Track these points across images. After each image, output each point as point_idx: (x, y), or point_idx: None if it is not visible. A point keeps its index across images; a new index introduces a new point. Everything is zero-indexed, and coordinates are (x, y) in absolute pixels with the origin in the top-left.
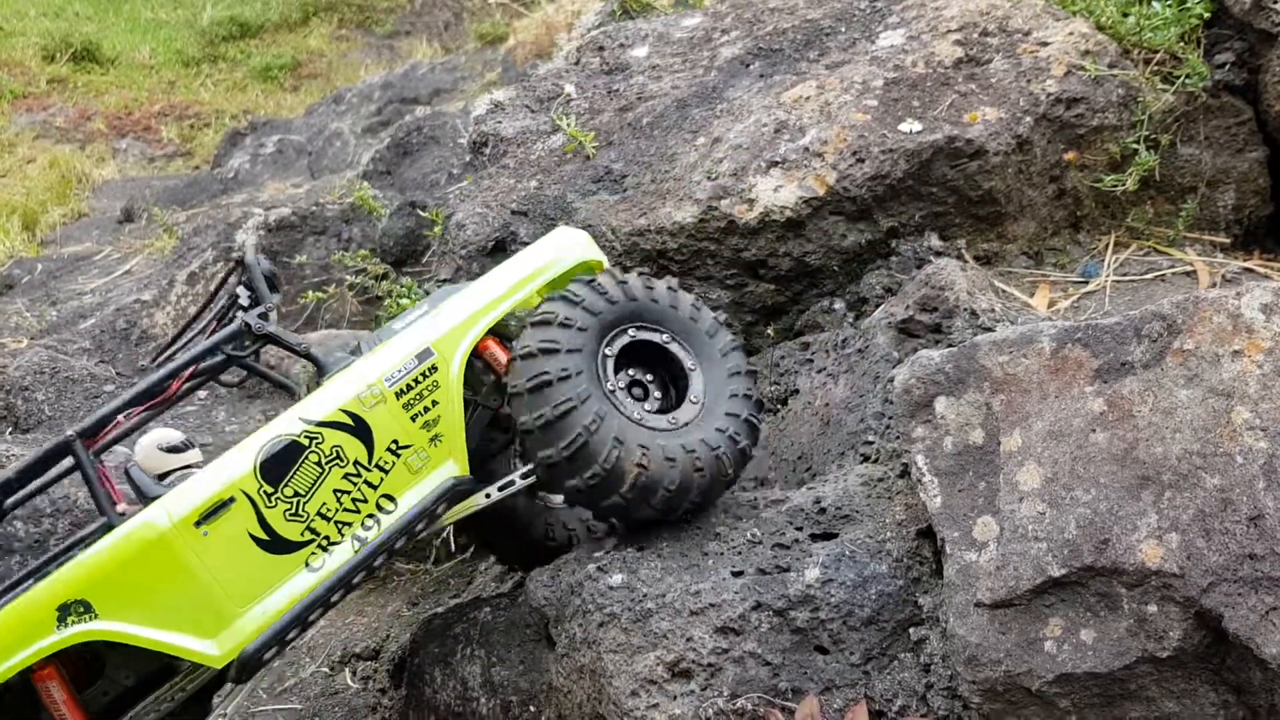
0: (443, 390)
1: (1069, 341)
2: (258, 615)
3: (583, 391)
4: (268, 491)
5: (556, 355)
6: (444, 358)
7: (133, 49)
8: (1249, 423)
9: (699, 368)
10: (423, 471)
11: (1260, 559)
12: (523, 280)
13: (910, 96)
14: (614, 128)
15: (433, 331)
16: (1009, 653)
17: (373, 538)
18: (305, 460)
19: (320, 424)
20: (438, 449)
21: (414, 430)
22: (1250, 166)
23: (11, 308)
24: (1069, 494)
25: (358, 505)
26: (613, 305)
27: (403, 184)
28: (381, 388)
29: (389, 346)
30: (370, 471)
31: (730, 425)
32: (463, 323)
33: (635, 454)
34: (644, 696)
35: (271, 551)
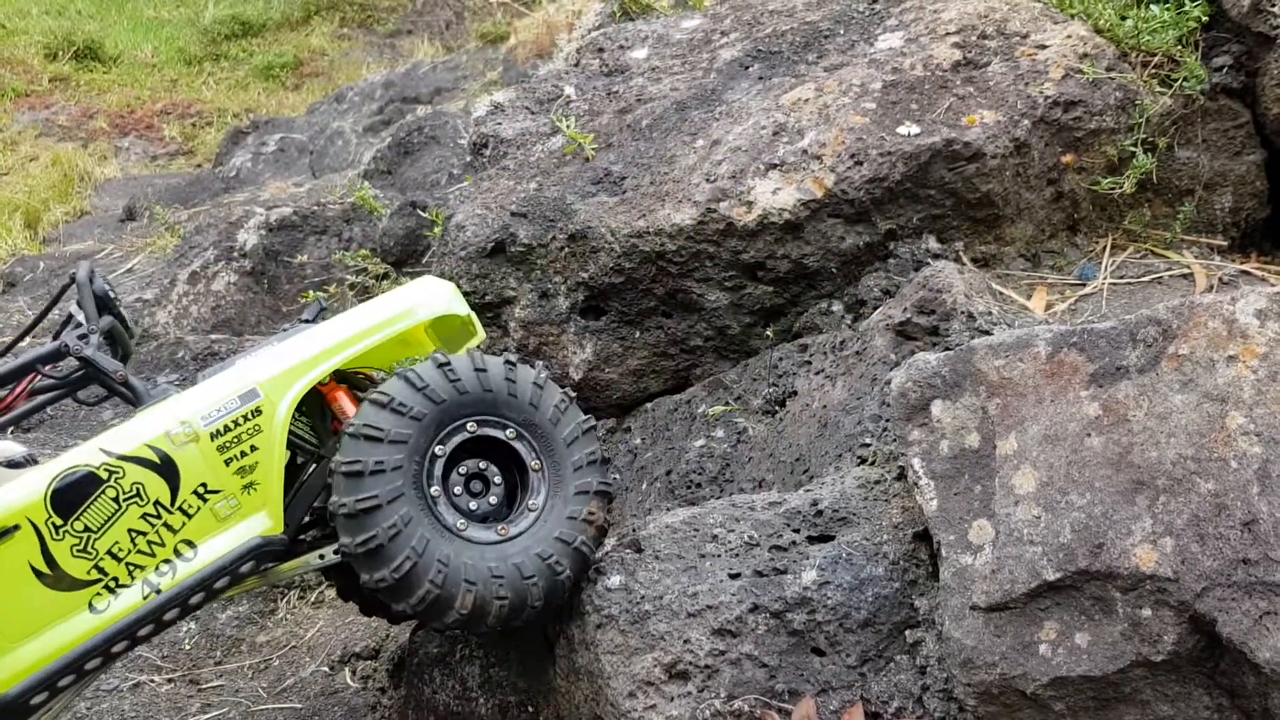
0: (264, 436)
1: (1064, 345)
2: (29, 654)
3: (394, 490)
4: (56, 523)
5: (378, 444)
6: (270, 401)
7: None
8: (1243, 428)
9: (544, 470)
10: (230, 520)
11: (1254, 564)
12: (373, 328)
13: (908, 99)
14: (613, 129)
15: (262, 371)
16: (1004, 656)
17: (166, 586)
18: (102, 494)
19: (122, 457)
20: (250, 498)
21: (226, 475)
22: (1248, 169)
23: (14, 305)
24: (1064, 498)
25: (153, 548)
26: (439, 404)
27: (404, 183)
28: (195, 426)
29: (212, 382)
30: (172, 514)
31: (573, 532)
32: (296, 366)
33: (431, 569)
34: (641, 698)
35: (52, 587)
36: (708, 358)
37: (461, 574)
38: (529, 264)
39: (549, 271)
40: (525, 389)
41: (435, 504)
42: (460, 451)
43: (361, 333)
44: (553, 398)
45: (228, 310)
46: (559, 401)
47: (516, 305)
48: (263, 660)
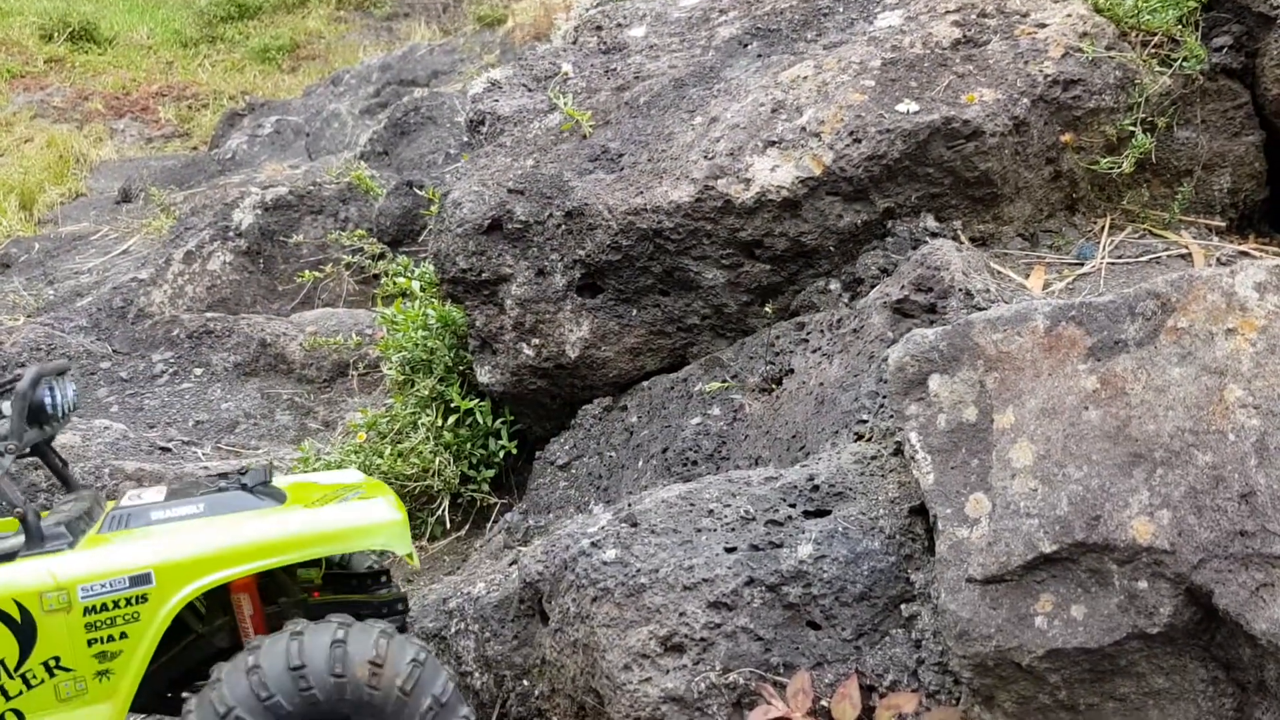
0: (140, 626)
1: (1063, 319)
2: None
3: None
4: None
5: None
6: (160, 592)
7: (131, 29)
8: (1241, 400)
9: None
10: (71, 704)
11: (1251, 536)
12: (305, 540)
13: (908, 77)
14: (611, 107)
15: (164, 554)
16: (1000, 628)
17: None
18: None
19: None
20: (100, 686)
21: (84, 655)
22: (1246, 150)
23: (9, 286)
24: (1061, 471)
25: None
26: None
27: (400, 164)
28: (72, 595)
29: (108, 548)
30: (11, 679)
31: None
32: (203, 559)
33: None
34: (636, 670)
35: None
36: (705, 336)
37: None
38: (526, 241)
39: (546, 249)
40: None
41: None
42: None
43: (293, 542)
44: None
45: (223, 290)
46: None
47: (513, 283)
48: None
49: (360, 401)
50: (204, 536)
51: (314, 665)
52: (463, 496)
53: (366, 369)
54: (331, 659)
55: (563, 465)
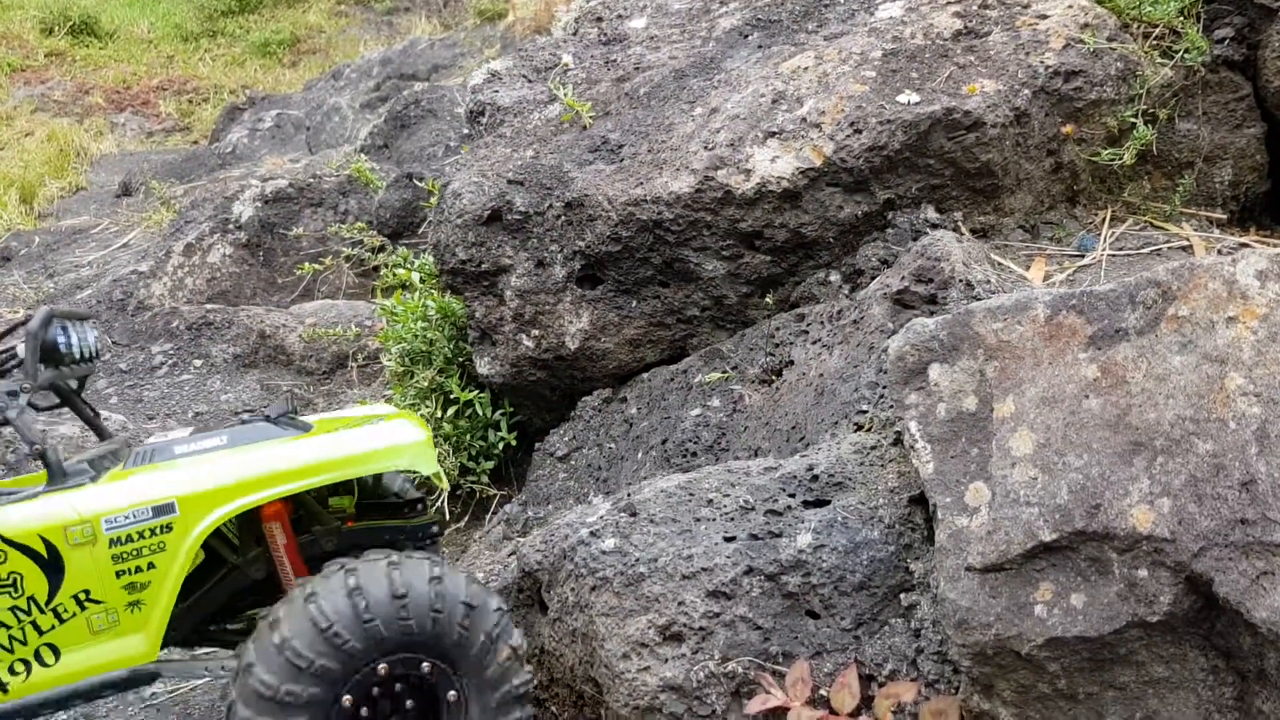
0: (166, 556)
1: (1063, 308)
2: None
3: None
4: None
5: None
6: (185, 521)
7: (131, 23)
8: (1242, 388)
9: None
10: (103, 636)
11: (1251, 524)
12: (330, 464)
13: (908, 68)
14: (611, 98)
15: (186, 484)
16: (999, 617)
17: (15, 687)
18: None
19: (8, 541)
20: (131, 617)
21: (113, 587)
22: (1248, 142)
23: (9, 279)
24: (1061, 459)
25: (13, 644)
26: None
27: (400, 157)
28: (97, 528)
29: (131, 481)
30: (43, 614)
31: None
32: (227, 488)
33: None
34: (635, 659)
35: None
36: (704, 327)
37: None
38: (525, 232)
39: (545, 240)
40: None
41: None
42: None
43: (315, 467)
44: (485, 623)
45: (223, 282)
46: (491, 626)
47: (512, 274)
48: None
49: (360, 393)
50: (226, 465)
51: (415, 598)
52: (462, 488)
53: (366, 360)
54: (431, 595)
55: (562, 456)
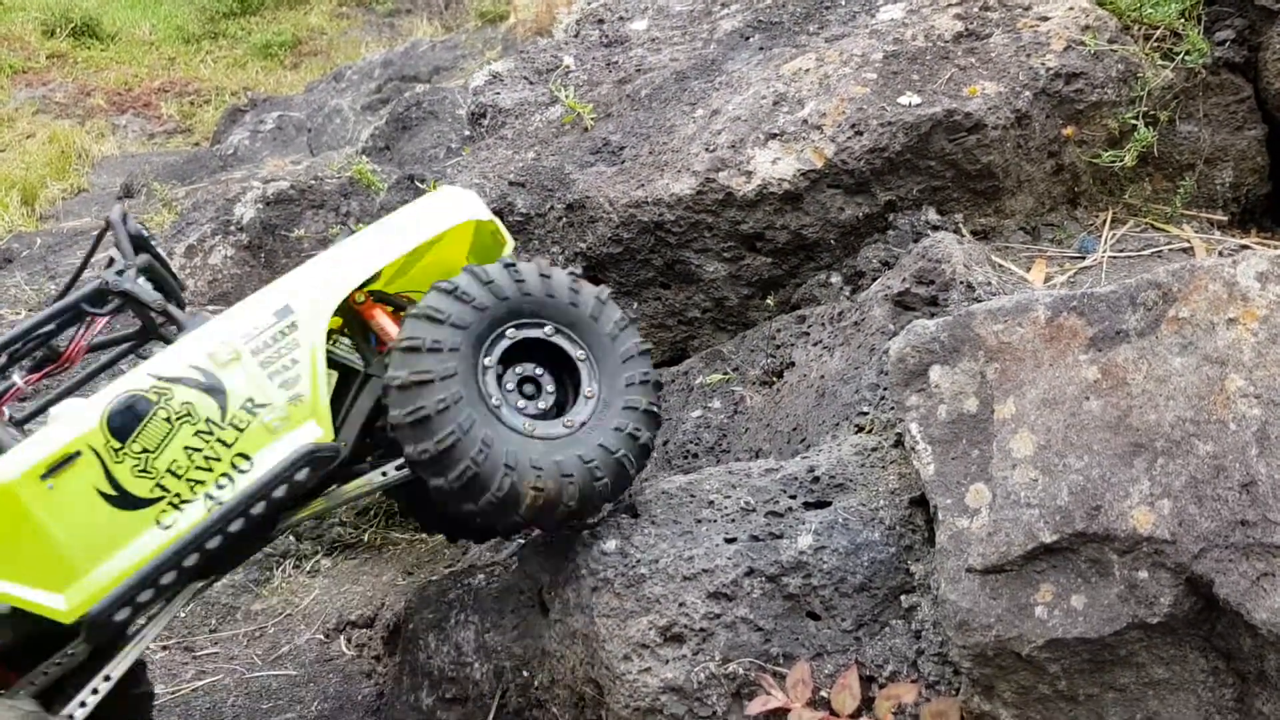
0: (302, 350)
1: (1064, 310)
2: (106, 573)
3: (465, 420)
4: (115, 447)
5: (432, 385)
6: (305, 315)
7: (133, 25)
8: (1242, 390)
9: (589, 358)
10: (281, 431)
11: (1252, 525)
12: (392, 242)
13: (909, 70)
14: (612, 99)
15: (295, 287)
16: (1000, 618)
17: (227, 497)
18: (154, 416)
19: (169, 380)
20: (297, 409)
21: (271, 389)
22: (1249, 144)
23: (11, 281)
24: (1062, 461)
25: (210, 463)
26: (481, 311)
27: (401, 159)
28: (236, 344)
29: (247, 303)
30: (224, 430)
31: (629, 421)
32: (326, 279)
33: (529, 476)
34: (636, 661)
35: (120, 507)
36: (705, 329)
37: (560, 470)
38: (526, 233)
39: (546, 241)
40: (587, 300)
41: (502, 413)
42: (504, 359)
43: (385, 245)
44: (590, 294)
45: (224, 284)
46: (619, 319)
47: None
48: (257, 628)
49: None
50: (320, 265)
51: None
52: None
53: None
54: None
55: None
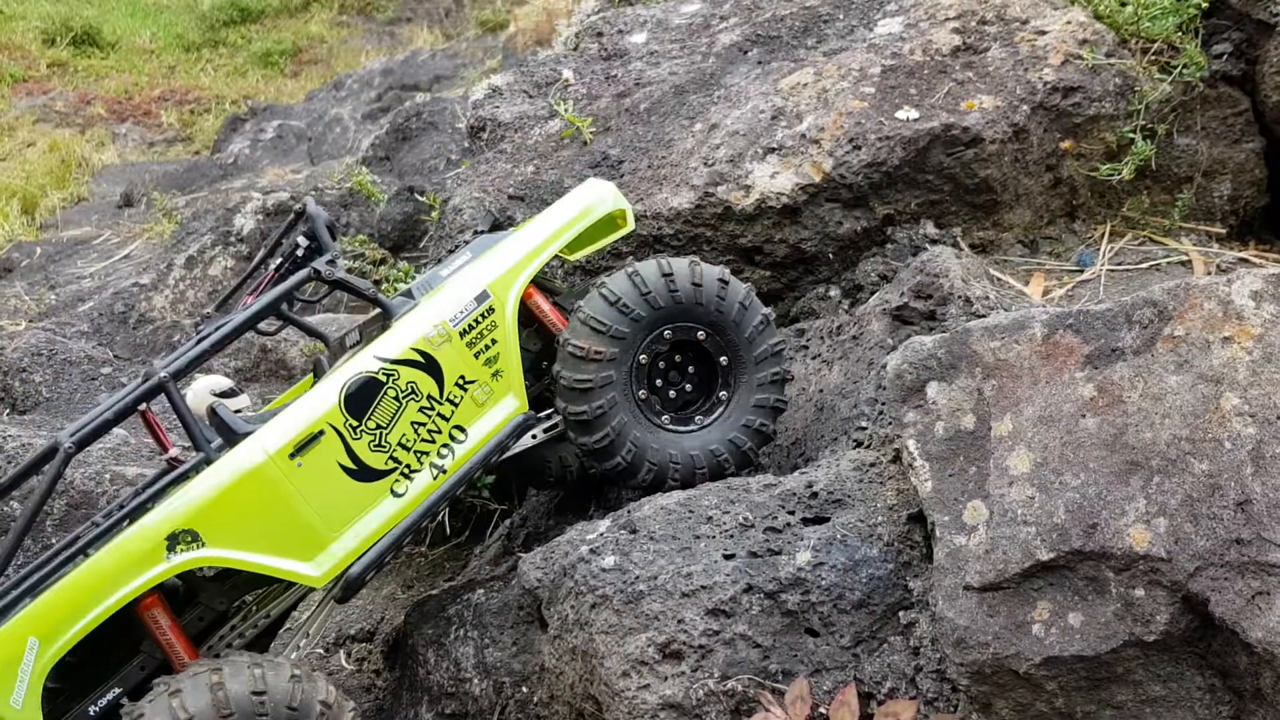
0: (500, 330)
1: (1060, 327)
2: (351, 539)
3: (612, 400)
4: (353, 424)
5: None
6: (499, 299)
7: (133, 33)
8: (1238, 409)
9: (730, 363)
10: (487, 405)
11: (1247, 543)
12: (561, 229)
13: (907, 84)
14: (611, 113)
15: (488, 275)
16: (997, 635)
17: (450, 466)
18: (384, 395)
19: (395, 361)
20: (499, 384)
21: (478, 366)
22: (1247, 157)
23: (10, 291)
24: (1058, 479)
25: (433, 436)
26: (656, 309)
27: (401, 169)
28: (447, 328)
29: (448, 289)
30: (442, 405)
31: (757, 417)
32: (513, 267)
33: (669, 469)
34: (635, 677)
35: (360, 480)
36: None
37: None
38: None
39: None
40: (732, 304)
41: (643, 405)
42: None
43: (554, 234)
44: (754, 316)
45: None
46: (759, 321)
47: None
48: None
49: None
50: (506, 254)
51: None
52: (463, 503)
53: None
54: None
55: None
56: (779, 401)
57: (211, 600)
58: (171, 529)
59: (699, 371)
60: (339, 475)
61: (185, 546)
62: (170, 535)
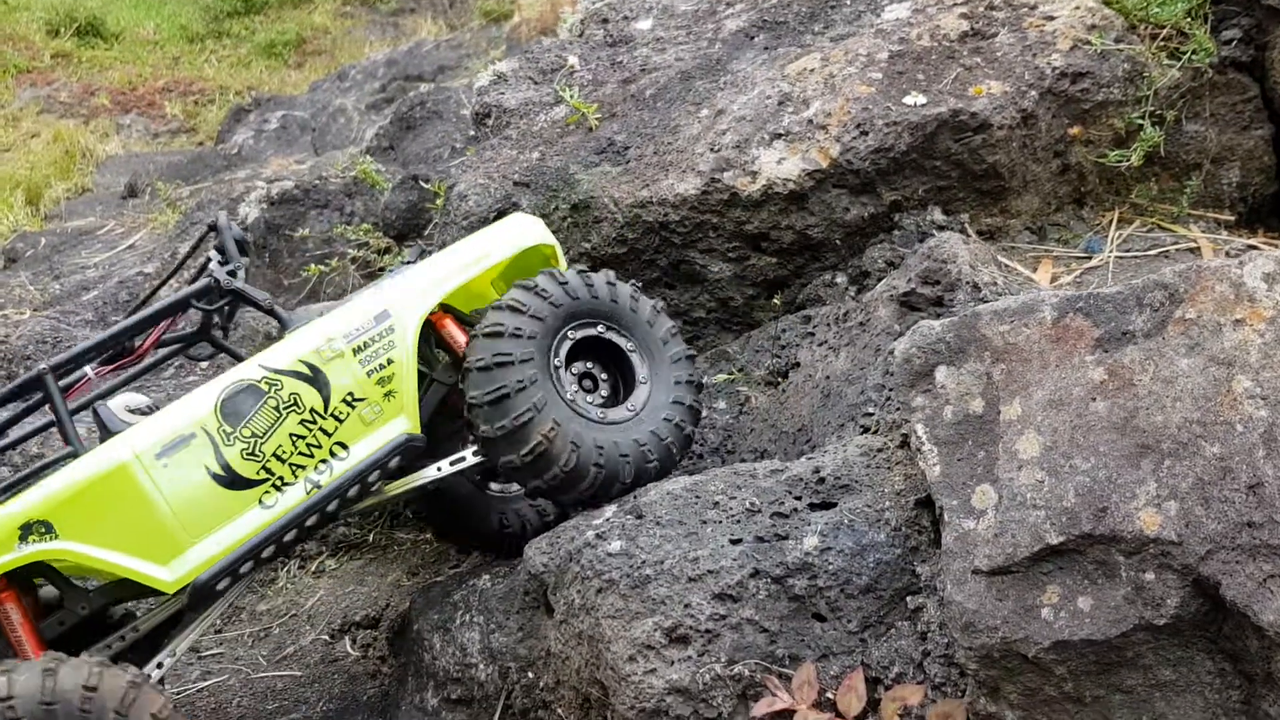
0: (398, 350)
1: (1070, 310)
2: (210, 546)
3: (539, 400)
4: (227, 430)
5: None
6: (400, 320)
7: (137, 24)
8: (1249, 391)
9: (639, 349)
10: (376, 424)
11: (1259, 527)
12: (475, 259)
13: (915, 69)
14: (617, 99)
15: (391, 296)
16: (1006, 620)
17: (326, 482)
18: (264, 404)
19: (279, 371)
20: (391, 404)
21: (369, 385)
22: (1255, 144)
23: (14, 280)
24: (1068, 462)
25: (312, 450)
26: (556, 308)
27: (405, 158)
28: (340, 343)
29: (348, 307)
30: (325, 420)
31: (676, 413)
32: (418, 289)
33: (593, 455)
34: (641, 662)
35: (227, 487)
36: (710, 329)
37: (619, 450)
38: None
39: None
40: (644, 310)
41: (577, 404)
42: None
43: (472, 261)
44: (665, 323)
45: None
46: (670, 327)
47: None
48: (262, 629)
49: None
50: (413, 278)
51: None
52: None
53: None
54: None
55: None
56: (695, 402)
57: (73, 604)
58: (26, 519)
59: (609, 370)
60: (206, 480)
61: (38, 537)
62: (24, 525)
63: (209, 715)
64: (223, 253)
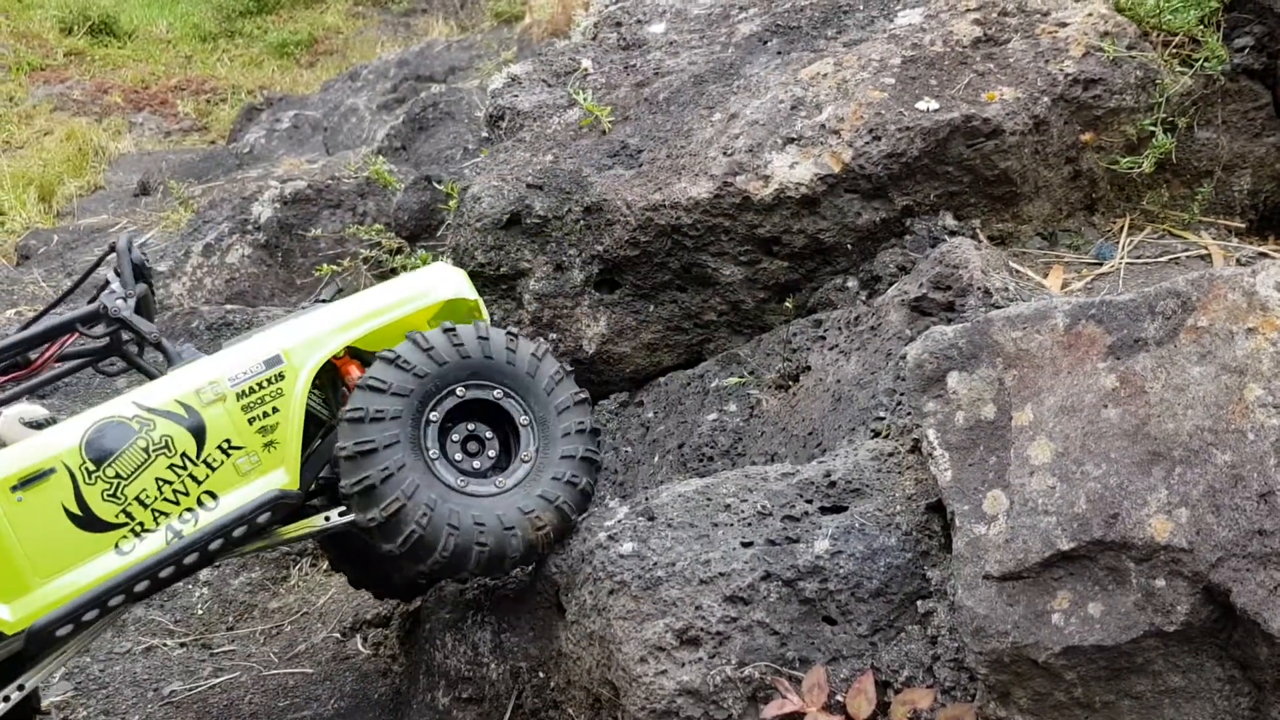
0: (285, 399)
1: (1083, 317)
2: (57, 589)
3: (398, 460)
4: (89, 469)
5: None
6: (292, 367)
7: (150, 23)
8: (1261, 400)
9: (533, 425)
10: (251, 475)
11: (1270, 535)
12: (388, 306)
13: (928, 75)
14: (630, 103)
15: (286, 340)
16: (1016, 625)
17: (188, 532)
18: (133, 444)
19: (153, 410)
20: (270, 455)
21: (249, 433)
22: (1267, 151)
23: (28, 277)
24: (1079, 469)
25: (178, 497)
26: (440, 366)
27: (418, 159)
28: (223, 386)
29: (239, 347)
30: (197, 466)
31: (566, 469)
32: (317, 336)
33: (473, 533)
34: (652, 663)
35: (82, 528)
36: (721, 332)
37: (502, 522)
38: (544, 236)
39: (564, 244)
40: (524, 358)
41: (434, 464)
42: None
43: (377, 310)
44: (549, 369)
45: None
46: (554, 372)
47: (531, 277)
48: (274, 626)
49: None
50: (313, 323)
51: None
52: None
53: None
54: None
55: None
56: (588, 452)
57: None
58: None
59: (502, 434)
60: (61, 519)
61: None
62: None
63: (221, 712)
64: (119, 276)
